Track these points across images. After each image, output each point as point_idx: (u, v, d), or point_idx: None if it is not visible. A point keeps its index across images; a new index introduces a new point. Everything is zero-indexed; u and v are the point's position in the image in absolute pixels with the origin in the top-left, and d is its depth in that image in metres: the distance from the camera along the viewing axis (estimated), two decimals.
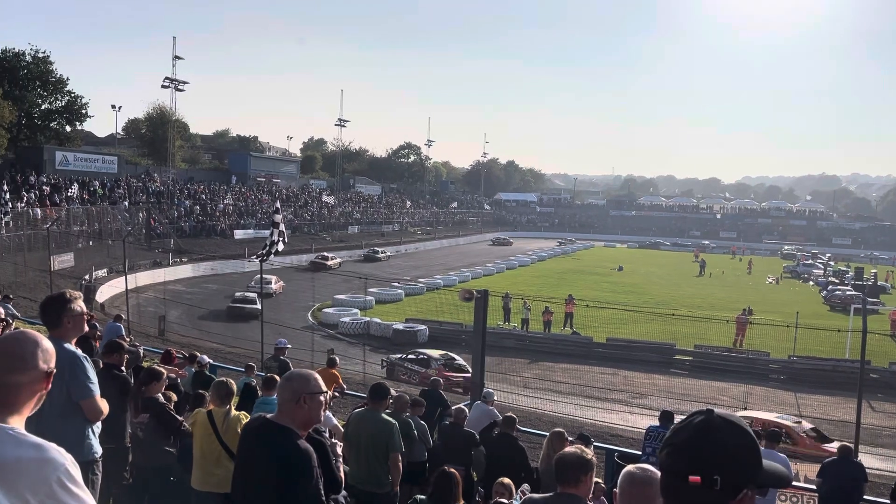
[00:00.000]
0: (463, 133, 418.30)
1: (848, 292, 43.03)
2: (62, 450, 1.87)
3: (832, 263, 67.01)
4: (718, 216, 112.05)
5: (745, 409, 18.88)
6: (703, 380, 24.32)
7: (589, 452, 3.64)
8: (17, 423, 1.93)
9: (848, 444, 9.88)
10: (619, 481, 2.35)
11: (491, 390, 10.45)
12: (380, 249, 59.63)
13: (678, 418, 10.33)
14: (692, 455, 1.45)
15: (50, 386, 2.03)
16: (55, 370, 2.04)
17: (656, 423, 10.14)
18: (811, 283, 56.43)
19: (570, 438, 7.53)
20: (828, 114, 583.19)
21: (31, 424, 2.01)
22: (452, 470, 5.06)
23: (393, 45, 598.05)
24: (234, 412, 5.48)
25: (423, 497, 5.09)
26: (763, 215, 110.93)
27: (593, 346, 27.89)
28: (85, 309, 4.02)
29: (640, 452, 9.82)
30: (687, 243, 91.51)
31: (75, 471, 1.85)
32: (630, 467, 2.40)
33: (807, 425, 16.32)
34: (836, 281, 51.99)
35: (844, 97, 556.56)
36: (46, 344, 2.04)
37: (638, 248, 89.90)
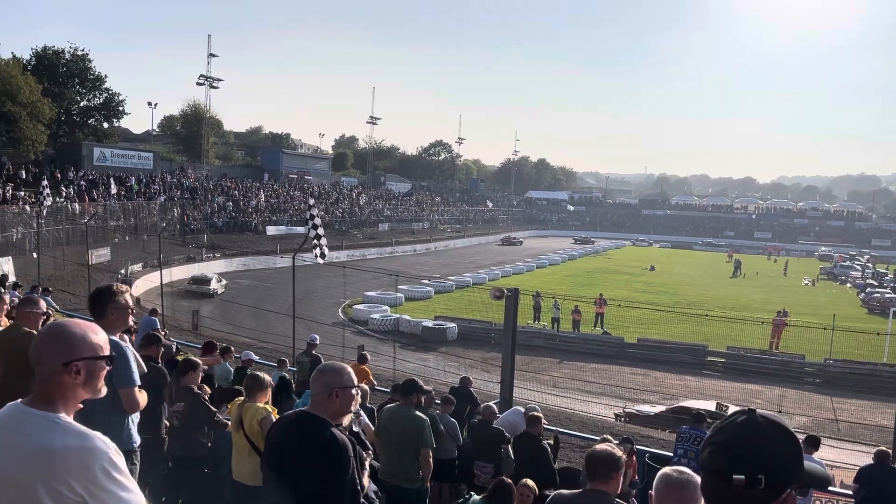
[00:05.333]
0: (494, 131, 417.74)
1: (887, 295, 42.08)
2: (106, 438, 1.92)
3: (871, 265, 65.42)
4: (753, 216, 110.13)
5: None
6: (736, 382, 23.97)
7: (619, 450, 3.63)
8: (64, 412, 1.98)
9: (886, 449, 9.66)
10: (655, 483, 2.32)
11: (537, 406, 10.00)
12: (514, 236, 66.58)
13: (711, 420, 10.25)
14: (736, 454, 1.43)
15: (84, 376, 2.05)
16: (78, 362, 2.06)
17: (688, 424, 10.03)
18: (849, 285, 55.23)
19: (611, 440, 7.47)
20: (868, 112, 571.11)
21: (77, 413, 2.07)
22: (510, 480, 5.10)
23: (425, 44, 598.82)
24: (256, 405, 5.52)
25: (478, 498, 5.14)
26: (799, 215, 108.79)
27: (624, 346, 27.64)
28: (131, 303, 4.09)
29: (671, 454, 9.71)
30: (721, 243, 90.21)
31: (119, 459, 1.90)
32: (666, 469, 2.37)
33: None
34: (875, 283, 50.84)
35: (885, 95, 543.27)
36: (66, 338, 2.05)
37: (670, 247, 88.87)
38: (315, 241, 17.80)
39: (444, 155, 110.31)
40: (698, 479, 2.27)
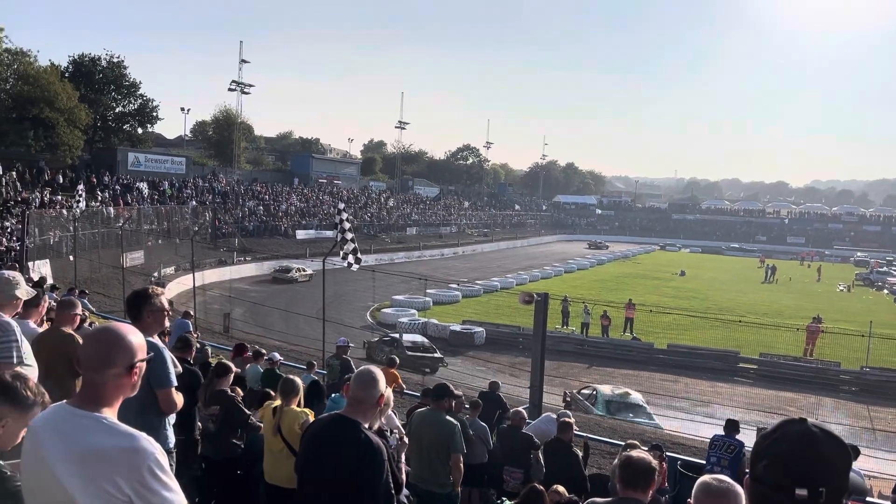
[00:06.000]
0: (522, 135, 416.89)
1: None
2: (151, 439, 1.96)
3: None
4: (786, 221, 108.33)
5: None
6: (769, 389, 23.59)
7: (654, 459, 3.59)
8: (110, 413, 2.03)
9: None
10: (694, 492, 2.29)
11: (568, 412, 9.98)
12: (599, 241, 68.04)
13: (743, 427, 10.10)
14: (798, 468, 1.40)
15: (137, 379, 2.12)
16: (139, 364, 2.12)
17: (721, 431, 9.88)
18: (885, 291, 54.07)
19: (638, 444, 7.39)
20: None
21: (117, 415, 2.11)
22: (541, 487, 5.08)
23: (454, 49, 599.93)
24: (295, 408, 5.57)
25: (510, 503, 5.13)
26: (834, 220, 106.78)
27: (654, 352, 27.35)
28: (167, 305, 4.15)
29: (704, 461, 9.57)
30: (752, 248, 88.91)
31: (164, 459, 1.94)
32: (706, 478, 2.33)
33: None
34: None
35: None
36: (127, 341, 2.11)
37: (701, 252, 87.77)
38: (347, 245, 17.54)
39: (471, 159, 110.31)
40: (739, 487, 2.24)
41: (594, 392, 18.10)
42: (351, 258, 17.37)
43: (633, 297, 33.08)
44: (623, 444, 7.59)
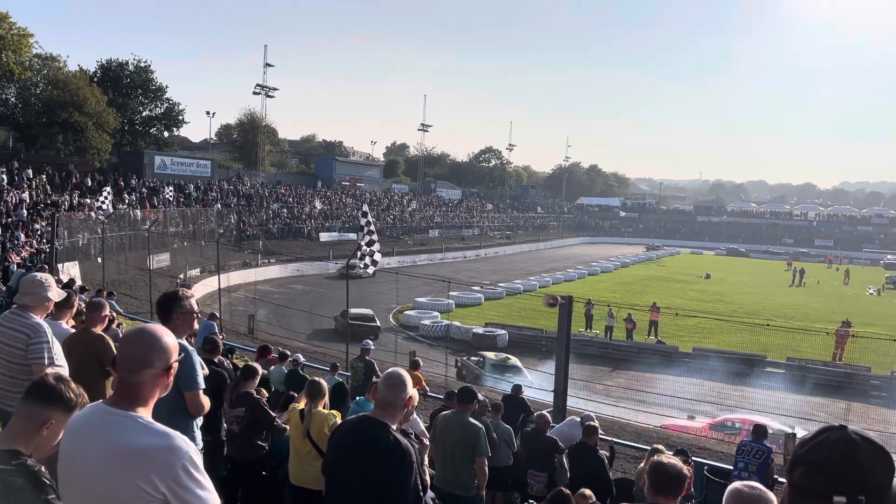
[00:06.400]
0: (545, 137, 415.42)
1: None
2: (186, 438, 1.98)
3: None
4: (814, 223, 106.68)
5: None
6: (797, 394, 23.22)
7: (685, 466, 3.56)
8: (145, 412, 2.06)
9: None
10: (725, 498, 2.25)
11: (592, 416, 9.89)
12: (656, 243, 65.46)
13: (771, 433, 9.94)
14: (837, 475, 1.37)
15: (172, 379, 2.15)
16: (174, 365, 2.16)
17: (748, 437, 9.76)
18: None
19: (664, 450, 7.31)
20: None
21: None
22: (567, 491, 5.05)
23: (476, 52, 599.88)
24: (322, 410, 5.60)
25: None
26: (863, 223, 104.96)
27: (679, 355, 27.09)
28: (196, 308, 4.19)
29: (731, 467, 9.45)
30: (779, 251, 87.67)
31: (198, 458, 1.96)
32: (737, 484, 2.29)
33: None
34: None
35: None
36: (163, 342, 2.15)
37: (726, 255, 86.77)
38: (366, 248, 17.29)
39: (494, 162, 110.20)
40: (771, 494, 2.21)
41: (482, 358, 22.49)
42: (368, 259, 17.20)
43: (657, 300, 32.78)
44: (649, 448, 7.51)
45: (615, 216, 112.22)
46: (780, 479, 8.78)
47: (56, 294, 4.68)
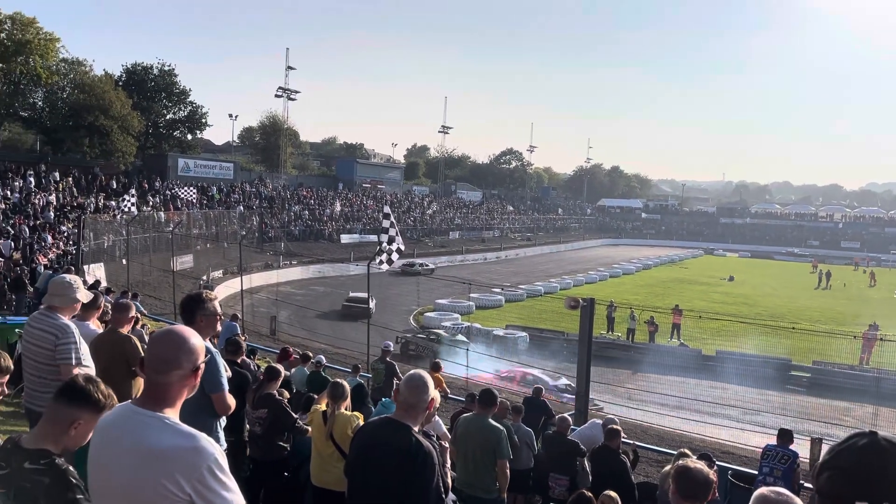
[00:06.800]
0: (566, 139, 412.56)
1: None
2: (212, 440, 2.00)
3: None
4: (840, 225, 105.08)
5: None
6: (823, 398, 22.88)
7: (711, 471, 3.52)
8: (172, 413, 2.08)
9: None
10: None
11: (615, 419, 9.80)
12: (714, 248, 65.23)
13: (797, 437, 9.81)
14: (861, 480, 1.35)
15: (198, 380, 2.18)
16: (201, 366, 2.18)
17: (773, 441, 9.63)
18: None
19: (688, 454, 7.24)
20: None
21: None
22: (590, 494, 5.02)
23: (496, 53, 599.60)
24: (345, 412, 5.62)
25: None
26: (890, 224, 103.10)
27: (702, 358, 26.83)
28: (219, 310, 4.23)
29: (755, 472, 9.33)
30: (804, 253, 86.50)
31: (223, 460, 1.98)
32: (763, 490, 2.27)
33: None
34: None
35: None
36: (191, 343, 2.18)
37: (750, 257, 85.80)
38: (386, 245, 17.21)
39: (514, 163, 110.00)
40: (798, 500, 2.18)
41: (436, 337, 26.07)
42: (384, 256, 17.15)
43: (680, 303, 32.50)
44: (675, 453, 7.44)
45: (637, 218, 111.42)
46: (807, 485, 8.67)
47: (84, 295, 4.75)
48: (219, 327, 4.63)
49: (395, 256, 17.38)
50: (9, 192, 31.19)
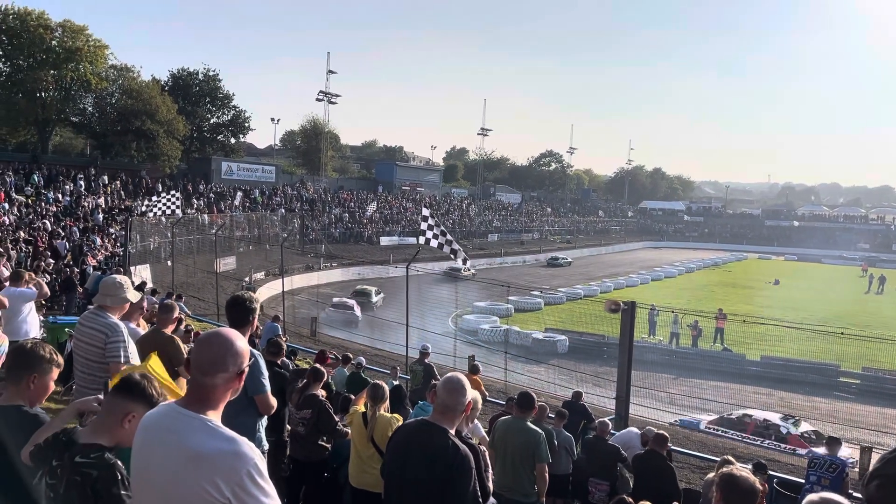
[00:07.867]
0: (606, 140, 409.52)
1: None
2: (252, 444, 2.02)
3: None
4: (892, 227, 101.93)
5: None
6: (873, 406, 22.22)
7: (758, 480, 3.45)
8: (214, 416, 2.11)
9: None
10: None
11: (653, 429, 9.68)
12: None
13: (845, 445, 9.54)
14: None
15: (242, 383, 2.20)
16: (246, 369, 2.21)
17: (820, 449, 9.40)
18: None
19: (735, 462, 7.11)
20: None
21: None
22: (630, 500, 4.97)
23: (536, 54, 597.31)
24: (385, 414, 5.65)
25: None
26: None
27: (746, 363, 26.29)
28: (258, 311, 4.31)
29: (802, 480, 9.11)
30: (854, 257, 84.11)
31: (262, 465, 2.00)
32: (813, 497, 2.21)
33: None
34: None
35: None
36: (237, 346, 2.20)
37: (797, 260, 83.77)
38: (447, 248, 17.32)
39: (554, 165, 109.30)
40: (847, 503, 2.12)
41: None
42: (461, 257, 17.48)
43: (723, 307, 31.89)
44: (719, 459, 7.29)
45: (679, 220, 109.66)
46: (856, 495, 8.43)
47: (133, 296, 4.87)
48: (256, 325, 4.71)
49: (461, 254, 17.70)
50: (60, 196, 32.16)
